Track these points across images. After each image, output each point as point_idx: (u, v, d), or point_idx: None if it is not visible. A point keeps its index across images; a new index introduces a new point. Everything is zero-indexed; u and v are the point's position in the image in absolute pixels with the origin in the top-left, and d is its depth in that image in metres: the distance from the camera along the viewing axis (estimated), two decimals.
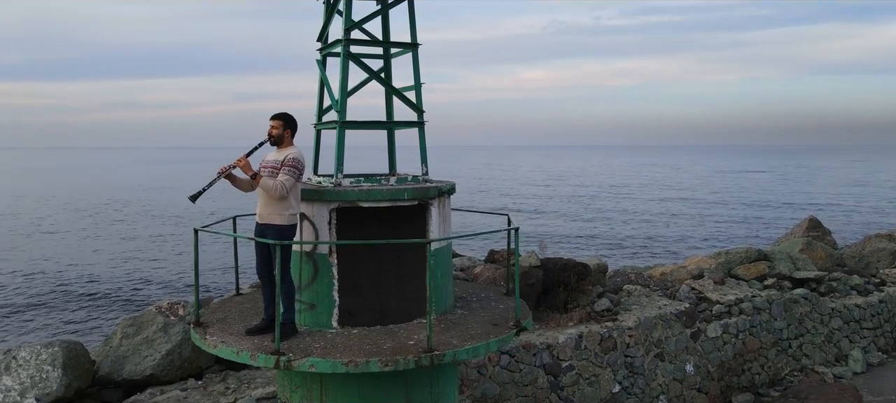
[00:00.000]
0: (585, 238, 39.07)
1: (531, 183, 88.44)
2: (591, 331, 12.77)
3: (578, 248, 34.58)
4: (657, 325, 13.75)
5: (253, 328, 5.73)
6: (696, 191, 73.22)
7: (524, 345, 11.98)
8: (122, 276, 28.31)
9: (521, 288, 13.55)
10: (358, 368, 5.08)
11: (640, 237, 38.49)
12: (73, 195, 72.93)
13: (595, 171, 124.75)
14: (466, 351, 5.35)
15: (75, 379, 9.20)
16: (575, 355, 12.44)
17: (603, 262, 15.72)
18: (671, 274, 16.85)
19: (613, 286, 15.99)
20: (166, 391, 9.74)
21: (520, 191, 70.79)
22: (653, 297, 15.11)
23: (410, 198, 5.82)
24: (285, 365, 5.22)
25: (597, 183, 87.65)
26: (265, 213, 5.64)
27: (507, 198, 63.30)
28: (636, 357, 13.26)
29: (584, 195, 66.38)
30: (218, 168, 5.41)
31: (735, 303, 15.29)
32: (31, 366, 8.96)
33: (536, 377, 11.95)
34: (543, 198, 63.45)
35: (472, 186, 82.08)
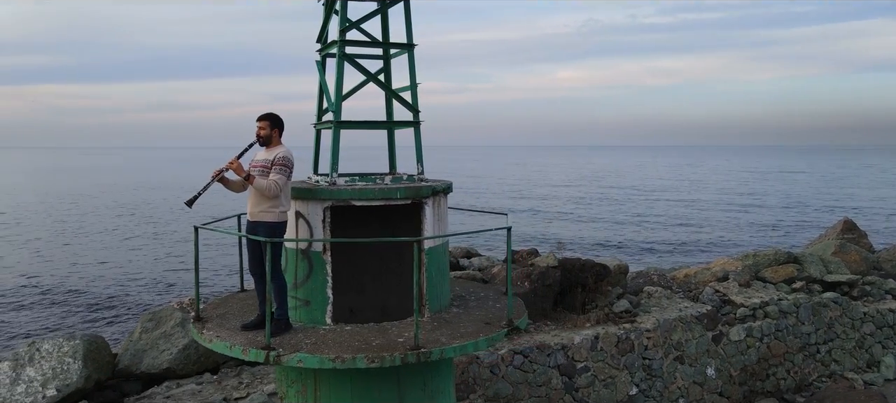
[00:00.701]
0: (613, 238, 38.61)
1: (562, 184, 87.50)
2: (607, 333, 12.66)
3: (605, 249, 34.20)
4: (677, 327, 13.55)
5: (248, 323, 5.87)
6: (732, 192, 71.64)
7: (538, 346, 11.94)
8: (153, 273, 29.00)
9: (538, 289, 13.50)
10: (345, 364, 5.17)
11: (670, 239, 37.88)
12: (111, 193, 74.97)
13: (628, 172, 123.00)
14: (454, 349, 5.39)
15: (95, 372, 9.50)
16: (590, 356, 12.35)
17: (623, 263, 15.56)
18: (695, 275, 16.57)
19: (635, 287, 15.81)
20: (182, 384, 10.00)
21: (547, 193, 70.11)
22: (674, 299, 14.89)
23: (403, 197, 5.88)
24: (274, 360, 5.34)
25: (629, 184, 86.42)
26: (256, 211, 5.77)
27: (533, 200, 62.75)
28: (654, 360, 13.09)
29: (616, 197, 65.48)
30: (213, 171, 5.58)
31: (760, 306, 14.97)
32: (53, 358, 9.30)
33: (550, 377, 11.90)
34: (571, 201, 62.79)
35: (496, 186, 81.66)
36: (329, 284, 5.87)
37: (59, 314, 21.55)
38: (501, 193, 68.69)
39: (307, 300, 5.96)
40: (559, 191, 72.41)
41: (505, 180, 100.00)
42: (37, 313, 21.95)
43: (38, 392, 8.99)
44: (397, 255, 6.11)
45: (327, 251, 5.84)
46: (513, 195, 70.18)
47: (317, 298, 5.91)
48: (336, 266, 5.90)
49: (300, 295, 5.99)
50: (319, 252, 5.85)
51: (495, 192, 68.97)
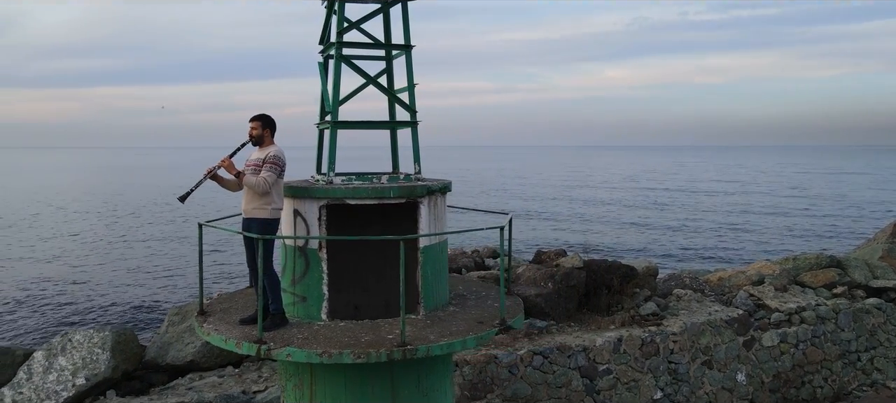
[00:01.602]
0: (651, 240, 37.84)
1: (604, 185, 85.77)
2: (631, 335, 12.48)
3: (641, 251, 33.57)
4: (705, 331, 13.26)
5: (247, 318, 6.04)
6: (781, 194, 69.09)
7: (559, 347, 11.86)
8: (189, 269, 29.77)
9: (563, 290, 13.41)
10: (332, 359, 5.29)
11: (711, 242, 36.89)
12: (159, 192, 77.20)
13: (674, 173, 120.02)
14: (440, 347, 5.44)
15: (122, 362, 9.91)
16: (613, 358, 12.20)
17: (653, 265, 15.30)
18: (729, 279, 16.16)
19: (665, 290, 15.54)
20: (205, 376, 10.33)
21: (588, 196, 68.88)
22: (704, 303, 14.57)
23: (396, 196, 5.96)
24: (265, 354, 5.49)
25: (674, 185, 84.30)
26: (249, 208, 5.95)
27: (572, 202, 61.82)
28: (681, 364, 12.84)
29: (660, 199, 63.95)
30: (227, 166, 5.78)
31: (796, 312, 14.51)
32: (83, 349, 9.74)
33: (571, 379, 11.80)
34: (612, 202, 61.63)
35: (534, 187, 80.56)
36: (324, 281, 6.00)
37: (97, 306, 22.49)
38: (537, 195, 67.54)
39: (304, 296, 6.10)
40: (600, 193, 71.15)
41: (547, 180, 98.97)
42: (77, 305, 22.99)
43: (69, 381, 9.44)
44: (394, 253, 6.18)
45: (323, 248, 5.97)
46: (551, 196, 69.33)
47: (313, 294, 6.04)
48: (332, 263, 6.03)
49: (298, 291, 6.14)
50: (315, 249, 5.99)
51: (530, 194, 67.80)
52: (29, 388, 9.36)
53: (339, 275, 6.15)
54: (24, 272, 30.10)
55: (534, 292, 13.14)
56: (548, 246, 21.11)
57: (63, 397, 9.25)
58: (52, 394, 9.27)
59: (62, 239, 40.73)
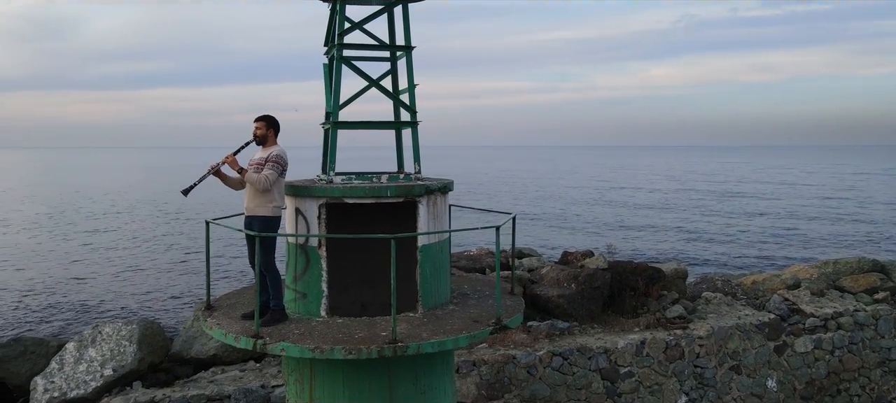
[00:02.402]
0: (687, 242, 36.97)
1: (646, 185, 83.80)
2: (654, 338, 12.28)
3: (675, 253, 32.84)
4: (734, 335, 12.95)
5: (249, 313, 6.19)
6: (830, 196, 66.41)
7: (579, 348, 11.76)
8: (225, 265, 30.43)
9: (586, 291, 13.29)
10: (323, 354, 5.39)
11: (751, 244, 35.80)
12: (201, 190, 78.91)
13: (720, 173, 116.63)
14: (431, 345, 5.48)
15: (149, 355, 10.26)
16: (635, 361, 12.03)
17: (682, 268, 15.02)
18: (763, 282, 15.73)
19: (695, 293, 15.24)
20: (227, 370, 10.62)
21: (622, 197, 67.43)
22: (734, 306, 14.22)
23: (393, 195, 6.03)
24: (261, 348, 5.63)
25: (719, 187, 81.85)
26: (252, 206, 6.11)
27: (607, 203, 60.63)
28: (707, 369, 12.57)
29: (703, 200, 62.28)
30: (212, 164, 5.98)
31: (832, 317, 14.03)
32: (112, 341, 10.12)
33: (591, 381, 11.69)
34: (653, 202, 60.27)
35: (568, 188, 79.21)
36: (324, 278, 6.11)
37: (131, 299, 23.28)
38: (570, 196, 66.04)
39: (304, 293, 6.23)
40: (639, 194, 69.59)
41: (585, 181, 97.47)
42: (111, 298, 23.89)
43: (97, 372, 9.83)
44: (388, 252, 6.27)
45: (322, 246, 6.09)
46: (588, 196, 68.18)
47: (313, 291, 6.16)
48: (331, 261, 6.14)
49: (299, 287, 6.27)
50: (315, 247, 6.11)
51: (565, 196, 66.40)
52: (60, 378, 9.79)
53: (339, 273, 6.26)
54: (63, 264, 31.42)
55: (556, 293, 13.07)
56: (579, 247, 20.93)
57: (91, 387, 9.64)
58: (82, 384, 9.68)
59: (106, 233, 42.25)
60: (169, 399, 9.53)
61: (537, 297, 13.24)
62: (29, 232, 43.52)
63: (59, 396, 9.58)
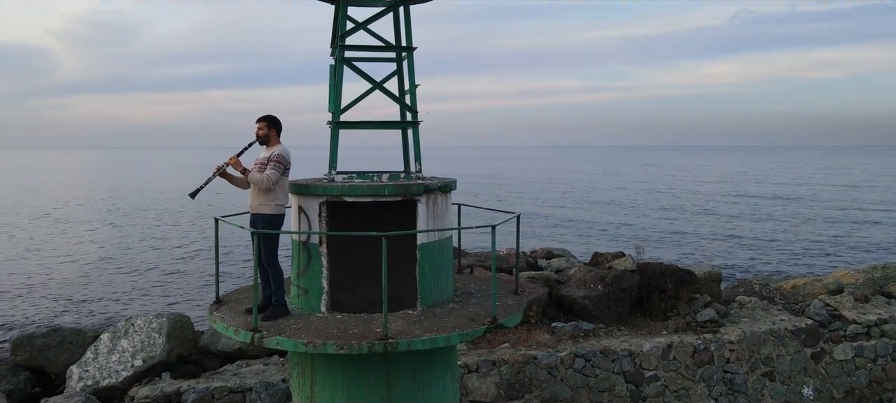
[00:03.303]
0: (732, 244, 35.88)
1: (695, 187, 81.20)
2: (682, 341, 12.02)
3: (717, 255, 31.94)
4: (767, 341, 12.57)
5: (256, 308, 6.39)
6: (890, 200, 63.20)
7: (602, 350, 11.62)
8: (248, 262, 31.08)
9: (614, 293, 13.12)
10: (316, 349, 5.51)
11: (801, 248, 34.48)
12: None
13: (776, 174, 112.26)
14: (422, 341, 5.53)
15: (177, 347, 10.63)
16: (661, 365, 11.80)
17: (716, 271, 14.65)
18: (803, 287, 15.20)
19: (730, 296, 14.85)
20: (252, 364, 10.90)
21: (670, 198, 65.53)
22: (770, 311, 13.79)
23: (391, 194, 6.10)
24: (258, 342, 5.79)
25: (772, 187, 78.77)
26: (255, 204, 6.29)
27: (652, 205, 59.06)
28: (738, 374, 12.24)
29: (755, 203, 60.08)
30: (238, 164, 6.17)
31: (876, 324, 13.46)
32: (143, 333, 10.53)
33: (614, 383, 11.53)
34: (701, 204, 58.50)
35: (617, 189, 77.32)
36: (324, 275, 6.23)
37: (168, 292, 24.15)
38: (610, 199, 64.26)
39: (306, 289, 6.37)
40: (688, 195, 67.59)
41: (633, 181, 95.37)
42: (153, 291, 24.85)
43: (128, 362, 10.24)
44: (393, 250, 6.35)
45: (323, 243, 6.22)
46: (634, 197, 66.66)
47: (314, 287, 6.30)
48: (332, 258, 6.26)
49: (301, 284, 6.42)
50: (317, 244, 6.24)
51: (607, 198, 64.71)
52: (94, 367, 10.24)
53: (339, 270, 6.38)
54: (108, 257, 32.79)
55: (582, 294, 12.94)
56: (619, 249, 20.62)
57: (122, 376, 10.06)
58: (113, 373, 10.11)
59: (154, 229, 43.79)
60: (194, 390, 9.86)
61: (563, 298, 13.13)
62: (83, 227, 45.58)
63: (92, 384, 10.03)
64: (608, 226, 43.90)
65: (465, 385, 10.90)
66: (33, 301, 23.93)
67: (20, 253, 34.80)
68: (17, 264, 31.47)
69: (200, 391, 9.80)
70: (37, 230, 44.47)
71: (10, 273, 29.35)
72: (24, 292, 25.53)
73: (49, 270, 29.92)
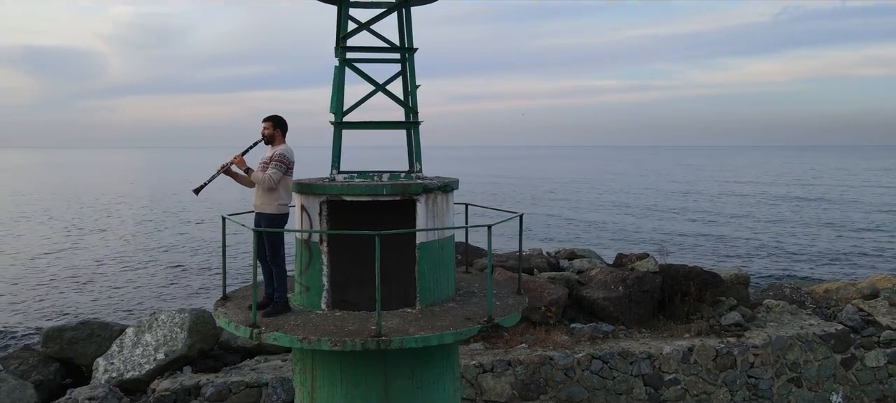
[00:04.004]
0: (762, 246, 34.89)
1: (731, 189, 78.64)
2: (704, 345, 11.80)
3: (747, 258, 31.11)
4: (794, 346, 12.25)
5: (257, 304, 6.51)
6: None
7: (620, 352, 11.49)
8: None
9: (636, 294, 12.96)
10: (311, 345, 5.60)
11: (841, 252, 33.32)
12: None
13: (821, 175, 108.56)
14: (415, 340, 5.56)
15: (198, 342, 10.89)
16: (681, 368, 11.61)
17: (743, 274, 14.34)
18: (836, 291, 14.76)
19: (758, 300, 14.52)
20: (270, 360, 11.11)
21: (707, 200, 63.77)
22: (799, 315, 13.43)
23: (389, 193, 6.15)
24: (256, 337, 5.91)
25: (817, 189, 76.03)
26: (258, 203, 6.40)
27: (688, 207, 57.56)
28: (762, 380, 11.96)
29: (798, 205, 58.15)
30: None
31: None
32: (166, 327, 10.83)
33: (632, 386, 11.39)
34: (736, 206, 56.86)
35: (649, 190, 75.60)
36: (325, 273, 6.32)
37: (194, 289, 24.75)
38: (641, 202, 62.39)
39: (308, 286, 6.46)
40: (722, 199, 65.70)
41: (674, 182, 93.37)
42: (180, 286, 25.51)
43: (151, 356, 10.54)
44: (393, 249, 6.41)
45: (324, 242, 6.31)
46: (667, 199, 65.10)
47: (315, 285, 6.38)
48: (332, 256, 6.35)
49: (304, 281, 6.51)
50: (317, 242, 6.33)
51: (636, 202, 62.80)
52: (119, 360, 10.58)
53: (339, 268, 6.46)
54: (138, 254, 33.73)
55: (602, 295, 12.81)
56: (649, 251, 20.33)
57: (145, 369, 10.36)
58: (137, 366, 10.42)
59: (181, 226, 44.88)
60: (212, 383, 10.09)
61: (583, 299, 13.03)
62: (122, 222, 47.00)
63: (116, 376, 10.35)
64: (640, 228, 43.18)
65: (480, 384, 10.91)
66: (71, 294, 24.83)
67: (61, 248, 36.13)
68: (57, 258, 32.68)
69: (218, 385, 10.02)
70: (80, 225, 46.08)
71: (49, 266, 30.51)
72: (64, 285, 26.51)
73: (90, 264, 31.00)
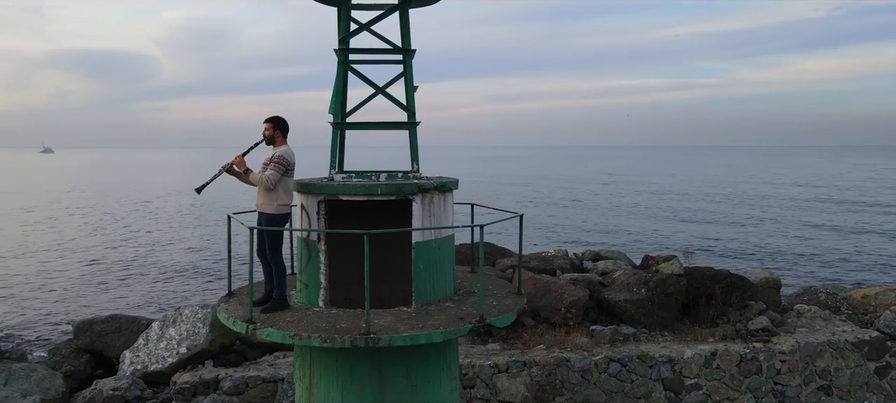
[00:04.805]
0: (801, 249, 33.65)
1: (776, 194, 75.22)
2: (727, 350, 11.52)
3: (784, 261, 30.07)
4: (824, 353, 11.85)
5: (259, 300, 6.66)
6: None
7: (639, 355, 11.31)
8: None
9: (658, 297, 12.74)
10: (302, 341, 5.70)
11: (883, 255, 31.88)
12: None
13: (866, 176, 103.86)
14: (403, 338, 5.60)
15: (220, 337, 11.17)
16: (703, 373, 11.36)
17: (774, 277, 13.92)
18: (875, 297, 14.19)
19: (790, 304, 14.09)
20: (288, 356, 11.31)
21: (750, 203, 61.56)
22: (832, 321, 12.98)
23: (384, 193, 6.20)
24: (251, 333, 6.04)
25: (870, 192, 72.72)
26: (259, 203, 6.54)
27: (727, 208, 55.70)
28: (790, 387, 11.61)
29: (845, 208, 55.86)
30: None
31: None
32: (189, 322, 11.15)
33: (652, 390, 11.19)
34: (779, 209, 54.87)
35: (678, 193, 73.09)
36: (322, 271, 6.42)
37: (219, 285, 25.34)
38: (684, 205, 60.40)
39: (307, 284, 6.58)
40: (769, 201, 63.31)
41: (716, 182, 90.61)
42: (207, 282, 26.19)
43: (174, 349, 10.87)
44: (391, 248, 6.46)
45: (322, 240, 6.41)
46: (707, 201, 63.11)
47: (313, 282, 6.49)
48: (330, 255, 6.44)
49: (303, 279, 6.63)
50: (315, 241, 6.43)
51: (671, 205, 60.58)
52: (144, 352, 10.94)
53: (337, 266, 6.55)
54: (176, 249, 34.70)
55: (623, 297, 12.62)
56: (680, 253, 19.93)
57: (168, 363, 10.69)
58: (160, 359, 10.76)
59: (209, 225, 45.97)
60: (230, 377, 10.35)
61: (604, 301, 12.86)
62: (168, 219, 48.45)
63: (140, 369, 10.72)
64: (676, 231, 42.07)
65: (495, 384, 10.90)
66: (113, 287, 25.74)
67: (111, 242, 37.52)
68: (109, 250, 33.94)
69: (236, 379, 10.27)
70: (130, 221, 47.75)
71: (94, 259, 31.70)
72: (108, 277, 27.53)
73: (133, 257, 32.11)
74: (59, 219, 48.95)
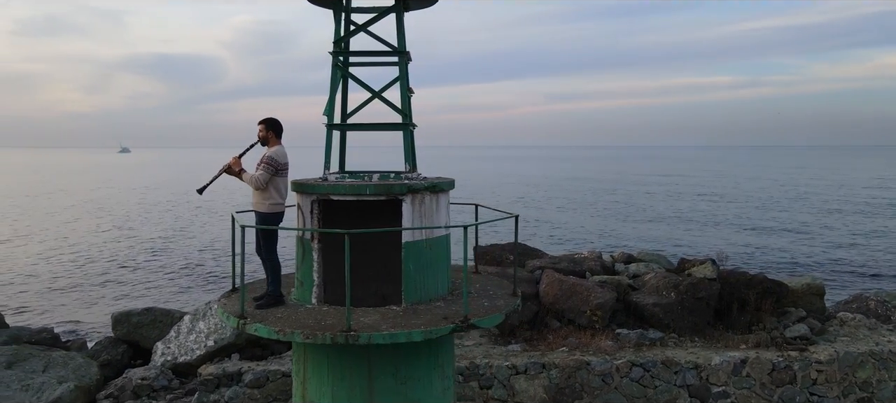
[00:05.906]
0: (856, 255, 31.79)
1: (840, 194, 71.03)
2: (759, 358, 11.08)
3: (840, 268, 28.50)
4: (866, 364, 11.25)
5: (259, 296, 6.83)
6: None
7: (664, 361, 11.01)
8: None
9: (688, 301, 12.39)
10: (286, 337, 5.81)
11: None
12: None
13: None
14: (382, 336, 5.62)
15: None
16: (732, 381, 10.96)
17: (817, 283, 13.29)
18: None
19: (834, 311, 13.43)
20: None
21: (812, 206, 58.30)
22: (878, 330, 12.31)
23: (373, 193, 6.25)
24: (241, 327, 6.20)
25: None
26: (253, 202, 6.68)
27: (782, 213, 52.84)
28: (827, 398, 11.07)
29: None
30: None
31: None
32: (217, 316, 11.53)
33: (676, 397, 10.88)
34: (837, 214, 51.78)
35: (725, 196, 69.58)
36: (315, 269, 6.54)
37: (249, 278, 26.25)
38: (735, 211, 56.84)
39: (302, 281, 6.71)
40: (830, 205, 59.82)
41: (774, 185, 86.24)
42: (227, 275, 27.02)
43: (202, 342, 11.27)
44: (383, 248, 6.51)
45: (315, 239, 6.52)
46: (767, 204, 60.21)
47: (307, 280, 6.60)
48: (323, 253, 6.54)
49: (299, 276, 6.76)
50: (310, 240, 6.55)
51: (729, 210, 57.27)
52: (175, 344, 11.39)
53: (330, 264, 6.65)
54: (204, 243, 35.80)
55: (652, 301, 12.31)
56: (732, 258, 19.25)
57: (196, 354, 11.09)
58: (189, 351, 11.17)
59: None
60: (252, 371, 10.64)
61: (632, 304, 12.57)
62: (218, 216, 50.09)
63: (171, 360, 11.16)
64: (727, 238, 40.40)
65: (513, 386, 10.82)
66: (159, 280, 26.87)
67: (169, 236, 39.18)
68: (167, 244, 35.41)
69: (258, 372, 10.56)
70: (191, 217, 49.72)
71: (152, 250, 33.11)
72: (161, 270, 28.75)
73: (186, 251, 33.41)
74: (132, 218, 51.40)
